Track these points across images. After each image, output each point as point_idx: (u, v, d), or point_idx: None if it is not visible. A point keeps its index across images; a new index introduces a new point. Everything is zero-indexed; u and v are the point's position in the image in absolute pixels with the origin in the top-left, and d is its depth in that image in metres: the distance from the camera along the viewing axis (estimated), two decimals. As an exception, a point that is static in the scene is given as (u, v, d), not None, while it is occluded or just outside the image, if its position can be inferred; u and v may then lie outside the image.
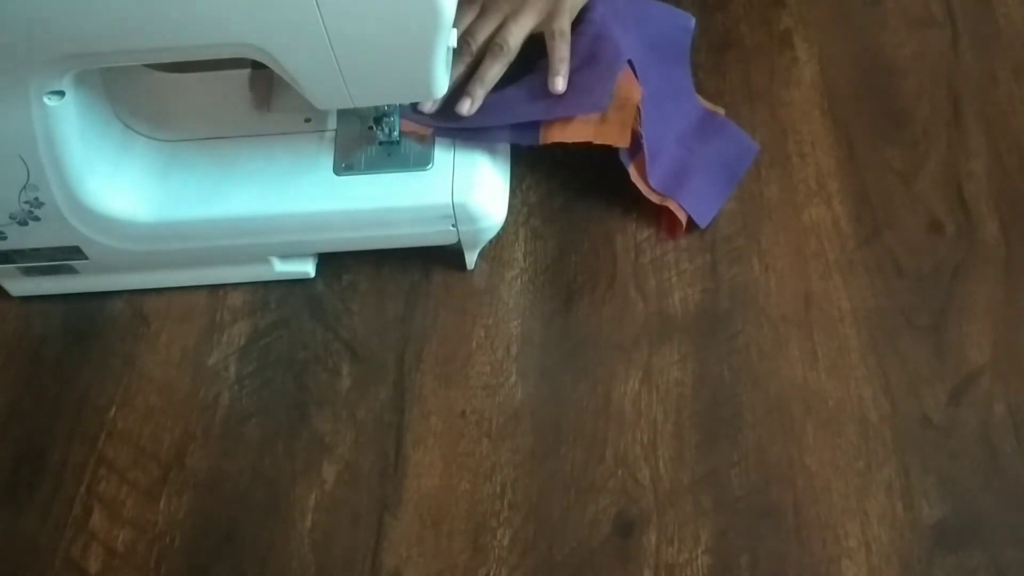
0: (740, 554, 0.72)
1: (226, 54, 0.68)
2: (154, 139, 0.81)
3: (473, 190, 0.79)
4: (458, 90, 0.80)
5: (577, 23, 0.83)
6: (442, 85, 0.72)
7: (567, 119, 0.81)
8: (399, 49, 0.68)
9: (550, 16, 0.80)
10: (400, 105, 0.80)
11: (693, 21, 0.90)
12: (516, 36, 0.80)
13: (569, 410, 0.79)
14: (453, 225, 0.80)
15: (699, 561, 0.72)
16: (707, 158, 0.87)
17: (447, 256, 0.85)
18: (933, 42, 0.97)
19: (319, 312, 0.85)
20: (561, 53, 0.80)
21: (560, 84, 0.80)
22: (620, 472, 0.76)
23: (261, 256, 0.84)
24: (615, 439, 0.77)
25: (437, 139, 0.81)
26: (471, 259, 0.85)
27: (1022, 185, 0.87)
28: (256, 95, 0.83)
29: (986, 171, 0.89)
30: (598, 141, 0.82)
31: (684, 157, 0.87)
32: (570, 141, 0.81)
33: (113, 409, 0.81)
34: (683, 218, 0.85)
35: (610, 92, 0.80)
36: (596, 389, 0.79)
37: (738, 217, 0.87)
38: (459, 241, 0.82)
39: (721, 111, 0.91)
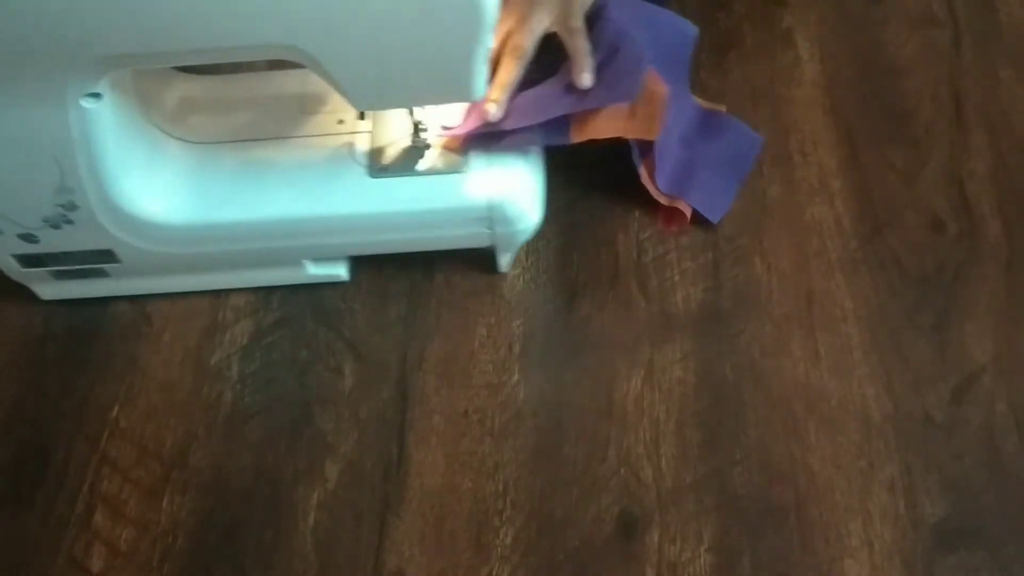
0: (742, 553, 0.72)
1: (266, 56, 0.68)
2: (187, 141, 0.81)
3: (509, 192, 0.78)
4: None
5: (596, 20, 0.83)
6: (482, 87, 0.71)
7: (595, 115, 0.80)
8: (441, 50, 0.67)
9: (562, 15, 0.80)
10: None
11: (696, 30, 0.88)
12: (531, 37, 0.79)
13: (571, 409, 0.79)
14: (488, 227, 0.79)
15: (701, 560, 0.72)
16: (712, 155, 0.88)
17: (448, 255, 0.85)
18: (935, 41, 0.97)
19: (321, 311, 0.85)
20: (582, 48, 0.80)
21: (587, 79, 0.79)
22: (623, 471, 0.76)
23: (294, 259, 0.83)
24: (617, 438, 0.77)
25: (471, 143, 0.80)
26: (504, 261, 0.84)
27: (1024, 184, 0.88)
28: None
29: (988, 170, 0.89)
30: (628, 136, 0.82)
31: (689, 157, 0.87)
32: (601, 137, 0.80)
33: (116, 408, 0.81)
34: (688, 212, 0.86)
35: (639, 82, 0.80)
36: (598, 388, 0.79)
37: (740, 216, 0.87)
38: (492, 244, 0.82)
39: (722, 108, 0.91)
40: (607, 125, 0.81)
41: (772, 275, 0.84)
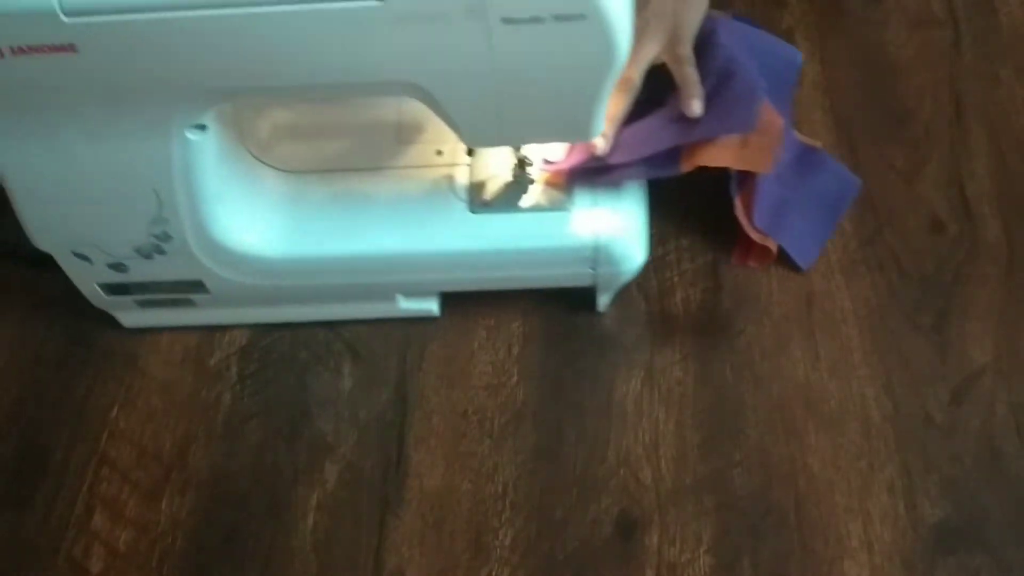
0: (742, 554, 0.72)
1: (383, 92, 0.65)
2: (282, 171, 0.78)
3: (615, 231, 0.76)
4: None
5: (705, 47, 0.79)
6: (599, 126, 0.69)
7: (706, 144, 0.77)
8: (567, 90, 0.65)
9: (670, 43, 0.77)
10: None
11: (800, 57, 0.85)
12: (639, 68, 0.77)
13: (571, 410, 0.79)
14: (592, 268, 0.77)
15: (701, 561, 0.72)
16: (808, 195, 0.85)
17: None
18: (935, 42, 0.97)
19: (321, 312, 0.85)
20: (691, 77, 0.76)
21: (697, 106, 0.75)
22: (622, 472, 0.76)
23: (387, 294, 0.81)
24: (617, 439, 0.77)
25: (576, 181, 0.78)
26: (604, 302, 0.82)
27: (1024, 184, 0.88)
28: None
29: (988, 171, 0.88)
30: (738, 167, 0.79)
31: (784, 195, 0.84)
32: (712, 165, 0.77)
33: (115, 409, 0.81)
34: (775, 250, 0.83)
35: (754, 112, 0.75)
36: (598, 389, 0.79)
37: (740, 217, 0.87)
38: (594, 284, 0.80)
39: (818, 144, 0.88)
40: (718, 154, 0.77)
41: (772, 276, 0.84)
